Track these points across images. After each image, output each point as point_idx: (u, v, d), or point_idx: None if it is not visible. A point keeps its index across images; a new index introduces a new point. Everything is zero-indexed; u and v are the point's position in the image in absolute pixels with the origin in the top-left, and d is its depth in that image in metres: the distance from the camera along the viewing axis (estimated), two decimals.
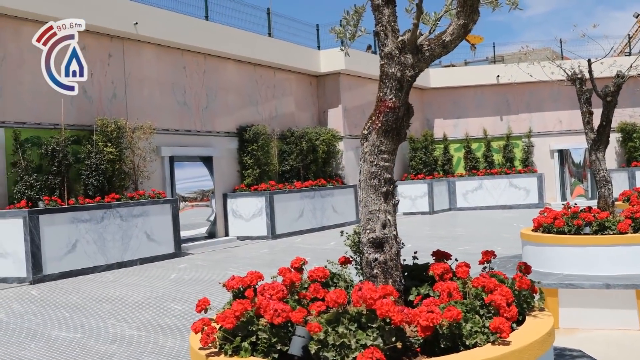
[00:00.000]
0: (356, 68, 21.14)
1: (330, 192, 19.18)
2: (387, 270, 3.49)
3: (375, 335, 2.75)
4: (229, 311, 2.89)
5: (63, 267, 11.54)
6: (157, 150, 15.03)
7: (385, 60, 3.50)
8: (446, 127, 25.93)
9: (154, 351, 6.41)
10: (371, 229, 3.48)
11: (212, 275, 11.23)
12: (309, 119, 21.01)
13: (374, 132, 3.48)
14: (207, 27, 16.86)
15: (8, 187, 12.12)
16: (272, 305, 2.86)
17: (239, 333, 2.93)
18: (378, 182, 3.48)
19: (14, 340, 7.17)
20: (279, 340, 2.88)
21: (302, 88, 20.91)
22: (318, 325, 2.72)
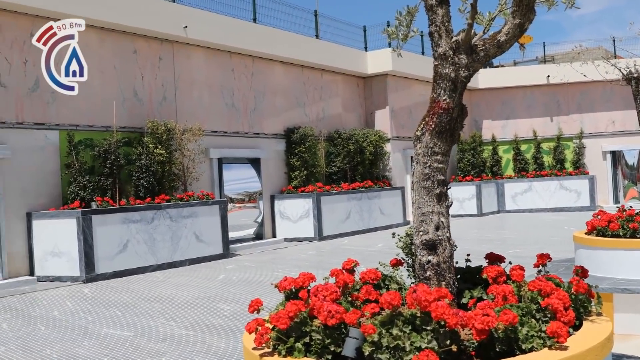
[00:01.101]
0: (403, 69, 21.03)
1: (377, 193, 19.12)
2: (440, 272, 3.45)
3: (430, 338, 2.73)
4: (283, 312, 2.90)
5: (114, 266, 11.76)
6: (205, 152, 15.22)
7: (439, 61, 3.47)
8: (495, 128, 25.60)
9: (204, 351, 6.47)
10: (424, 230, 3.45)
11: (260, 276, 11.30)
12: (356, 120, 20.99)
13: (427, 134, 3.45)
14: (255, 30, 16.99)
15: (62, 187, 12.41)
16: (326, 306, 2.86)
17: (292, 334, 2.93)
18: (431, 183, 3.45)
19: (67, 337, 7.33)
20: (332, 342, 2.88)
21: (349, 89, 20.90)
22: (372, 327, 2.71)
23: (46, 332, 7.64)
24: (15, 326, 8.07)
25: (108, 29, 13.55)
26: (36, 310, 9.13)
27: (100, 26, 13.38)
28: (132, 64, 14.07)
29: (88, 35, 13.19)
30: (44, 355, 6.56)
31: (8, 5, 11.74)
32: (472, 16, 3.44)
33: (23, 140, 11.97)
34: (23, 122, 12.03)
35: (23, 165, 11.90)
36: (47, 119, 12.40)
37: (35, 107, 12.23)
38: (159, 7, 14.38)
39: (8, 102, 11.82)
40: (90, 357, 6.40)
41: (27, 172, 11.96)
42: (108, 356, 6.42)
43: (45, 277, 11.67)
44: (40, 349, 6.83)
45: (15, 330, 7.85)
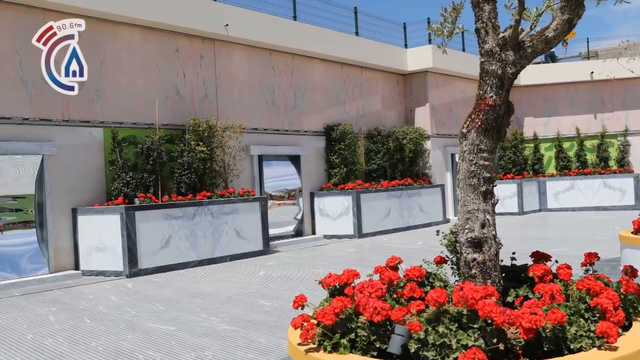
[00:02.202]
0: (444, 66, 20.88)
1: (417, 191, 19.03)
2: (486, 270, 3.43)
3: (477, 336, 2.72)
4: (329, 308, 2.92)
5: (157, 262, 11.92)
6: (246, 149, 15.33)
7: (485, 58, 3.45)
8: (536, 125, 25.24)
9: (246, 346, 6.52)
10: (470, 228, 3.44)
11: (300, 273, 11.34)
12: (396, 117, 20.91)
13: (473, 131, 3.43)
14: (295, 27, 17.04)
15: (106, 184, 12.64)
16: (372, 303, 2.87)
17: (338, 330, 2.95)
18: (477, 181, 3.43)
19: (113, 331, 7.46)
20: (378, 338, 2.89)
21: (389, 87, 20.82)
22: (419, 324, 2.71)
23: (92, 325, 7.79)
24: (61, 319, 8.25)
25: (151, 27, 13.74)
26: (82, 303, 9.31)
27: (144, 25, 13.57)
28: (175, 62, 14.24)
29: (132, 34, 13.42)
30: (89, 348, 6.69)
31: (55, 5, 11.98)
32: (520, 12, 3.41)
33: (69, 137, 12.22)
34: (69, 119, 12.28)
35: (69, 162, 12.15)
36: (91, 117, 12.63)
37: (80, 105, 12.46)
38: (201, 6, 14.52)
39: (54, 100, 12.06)
40: (135, 350, 6.51)
41: (73, 168, 12.21)
42: (152, 350, 6.51)
43: (89, 272, 11.91)
44: (86, 341, 6.96)
45: (62, 322, 8.02)
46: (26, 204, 11.67)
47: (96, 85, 12.72)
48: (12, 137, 11.42)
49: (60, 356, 6.40)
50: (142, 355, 6.30)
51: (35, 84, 11.82)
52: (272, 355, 6.14)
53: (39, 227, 11.72)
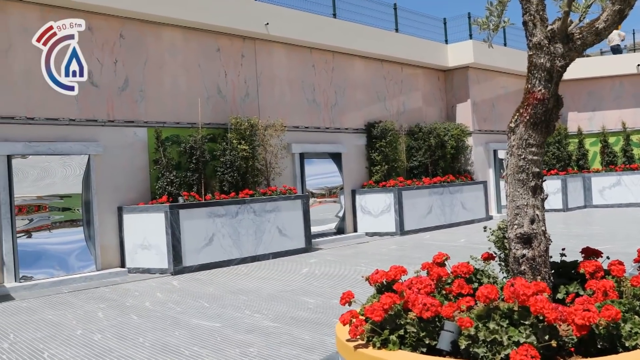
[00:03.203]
0: (485, 61, 20.64)
1: (459, 188, 18.86)
2: (536, 267, 3.39)
3: (529, 333, 2.68)
4: (377, 304, 2.91)
5: (201, 259, 12.05)
6: (288, 147, 15.39)
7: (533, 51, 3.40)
8: (581, 120, 24.77)
9: (290, 342, 6.55)
10: (519, 224, 3.39)
11: (342, 270, 11.34)
12: (437, 114, 20.76)
13: (521, 125, 3.39)
14: (335, 25, 17.04)
15: (151, 183, 12.82)
16: (421, 299, 2.85)
17: (387, 326, 2.94)
18: (526, 176, 3.39)
19: (159, 327, 7.56)
20: (427, 335, 2.87)
21: (430, 83, 20.68)
22: (470, 320, 2.68)
23: (139, 322, 7.91)
24: (109, 315, 8.40)
25: (193, 28, 13.88)
26: (128, 300, 9.47)
27: (186, 26, 13.73)
28: (216, 61, 14.36)
29: (174, 34, 13.58)
30: (137, 344, 6.80)
31: (99, 8, 12.20)
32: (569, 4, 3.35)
33: (114, 137, 12.43)
34: (114, 119, 12.48)
35: (114, 162, 12.36)
36: (136, 117, 12.83)
37: (124, 106, 12.67)
38: (242, 5, 14.62)
39: (100, 100, 12.29)
40: (181, 346, 6.59)
41: (118, 168, 12.42)
42: (198, 346, 6.58)
43: (135, 269, 12.09)
44: (133, 337, 7.08)
45: (110, 319, 8.16)
46: (73, 202, 11.91)
47: (140, 86, 12.91)
48: (59, 137, 11.67)
49: (109, 351, 6.52)
50: (188, 351, 6.37)
51: (81, 85, 12.01)
52: (316, 352, 6.15)
53: (86, 226, 11.95)
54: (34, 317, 8.50)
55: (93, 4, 12.03)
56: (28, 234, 11.20)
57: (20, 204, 11.12)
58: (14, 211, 10.96)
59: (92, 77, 12.20)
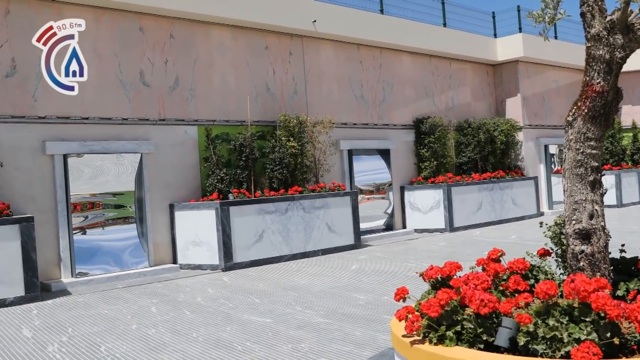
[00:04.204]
0: (535, 55, 20.28)
1: (509, 184, 18.59)
2: (595, 263, 3.32)
3: (590, 330, 2.63)
4: (434, 300, 2.90)
5: (251, 256, 12.16)
6: (336, 144, 15.41)
7: (592, 42, 3.33)
8: (635, 113, 24.14)
9: (341, 338, 6.56)
10: (577, 219, 3.33)
11: (392, 267, 11.31)
12: (486, 109, 20.50)
13: (579, 119, 3.32)
14: (382, 21, 16.97)
15: (201, 180, 12.99)
16: (478, 295, 2.83)
17: (443, 322, 2.92)
18: (584, 170, 3.33)
19: (211, 322, 7.66)
20: (484, 331, 2.85)
21: (479, 78, 20.42)
22: (529, 317, 2.65)
23: (191, 317, 8.03)
24: (162, 310, 8.54)
25: (241, 26, 14.00)
26: (180, 296, 9.62)
27: (234, 24, 13.85)
28: (264, 59, 14.46)
29: (222, 33, 13.72)
30: (190, 338, 6.90)
31: (150, 9, 12.40)
32: None
33: (165, 135, 12.63)
34: (165, 118, 12.68)
35: (165, 160, 12.56)
36: (186, 115, 13.01)
37: (175, 104, 12.86)
38: (289, 3, 14.68)
39: (151, 100, 12.51)
40: (234, 341, 6.66)
41: (169, 165, 12.61)
42: (250, 341, 6.65)
43: (187, 265, 12.28)
44: (186, 332, 7.19)
45: (163, 314, 8.31)
46: (126, 200, 12.15)
47: (190, 85, 13.09)
48: (112, 136, 11.91)
49: (164, 346, 6.63)
50: (241, 346, 6.44)
51: (133, 85, 12.28)
52: (368, 348, 6.15)
53: (138, 223, 12.18)
54: (90, 311, 8.71)
55: (143, 5, 12.24)
56: (83, 231, 11.47)
57: (76, 202, 11.39)
58: (70, 209, 11.24)
59: (144, 77, 12.42)
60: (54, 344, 6.95)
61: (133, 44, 12.37)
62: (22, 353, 6.63)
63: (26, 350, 6.72)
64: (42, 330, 7.67)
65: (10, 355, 6.59)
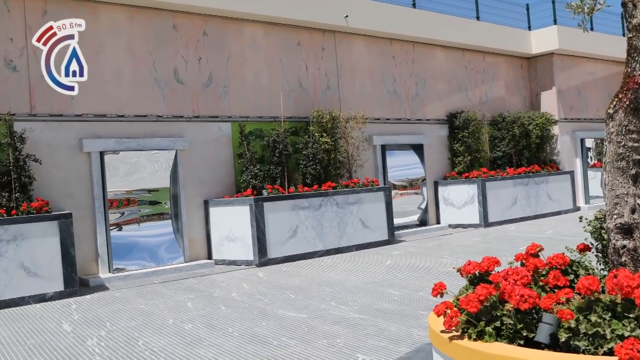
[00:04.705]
0: (571, 47, 19.96)
1: (544, 178, 18.35)
2: (637, 258, 3.26)
3: (634, 326, 2.59)
4: (473, 295, 2.87)
5: (285, 251, 12.20)
6: (369, 139, 15.37)
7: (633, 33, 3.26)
8: None
9: (376, 334, 6.56)
10: (619, 214, 3.28)
11: (426, 262, 11.26)
12: (521, 102, 20.25)
13: (620, 111, 3.26)
14: (415, 15, 16.87)
15: (235, 176, 13.07)
16: (518, 290, 2.80)
17: (482, 317, 2.90)
18: (626, 164, 3.26)
19: (247, 317, 7.71)
20: (524, 327, 2.82)
21: (513, 71, 20.18)
22: (570, 313, 2.61)
23: (227, 312, 8.09)
24: (198, 305, 8.62)
25: (273, 23, 14.04)
26: (216, 291, 9.69)
27: (266, 21, 13.89)
28: (297, 55, 14.48)
29: (255, 30, 13.78)
30: (226, 333, 6.96)
31: (183, 7, 12.49)
32: None
33: (199, 132, 12.73)
34: (199, 115, 12.78)
35: (200, 156, 12.66)
36: (220, 112, 13.09)
37: (209, 101, 12.95)
38: None
39: (185, 97, 12.61)
40: (269, 336, 6.70)
41: (204, 162, 12.71)
42: (285, 336, 6.68)
43: (221, 261, 12.37)
44: (222, 327, 7.25)
45: (199, 309, 8.39)
46: (161, 196, 12.28)
47: (223, 82, 13.16)
48: (148, 134, 12.04)
49: (200, 340, 6.70)
50: (276, 342, 6.47)
51: (168, 82, 12.39)
52: (404, 343, 6.13)
53: (174, 219, 12.31)
54: (127, 306, 8.83)
55: (177, 3, 12.34)
56: (119, 227, 11.63)
57: (112, 198, 11.55)
58: (107, 205, 11.40)
59: (178, 75, 12.53)
60: (93, 337, 7.07)
61: (167, 41, 12.49)
62: (62, 347, 6.76)
63: (66, 344, 6.85)
64: (82, 324, 7.81)
65: (52, 348, 6.72)
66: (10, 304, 9.18)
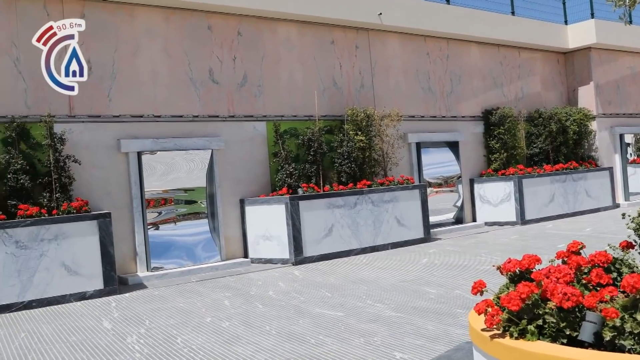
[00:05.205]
0: (609, 41, 19.62)
1: (582, 175, 18.07)
2: None
3: None
4: (514, 293, 2.85)
5: (321, 250, 12.22)
6: (404, 137, 15.32)
7: None
8: None
9: (413, 332, 6.54)
10: None
11: (462, 260, 11.18)
12: (557, 98, 19.97)
13: None
14: (449, 11, 16.75)
15: (270, 175, 13.13)
16: (561, 288, 2.77)
17: (524, 316, 2.87)
18: None
19: (283, 315, 7.75)
20: (567, 325, 2.78)
21: (549, 66, 19.91)
22: (615, 311, 2.58)
23: (263, 310, 8.14)
24: (235, 304, 8.69)
25: (307, 22, 14.06)
26: (252, 289, 9.75)
27: (300, 20, 13.92)
28: (330, 53, 14.49)
29: (288, 29, 13.82)
30: (263, 331, 7.00)
31: (217, 7, 12.59)
32: None
33: (234, 132, 12.82)
34: (234, 115, 12.87)
35: (235, 155, 12.75)
36: (255, 111, 13.16)
37: (244, 101, 13.03)
38: None
39: (220, 97, 12.71)
40: (306, 334, 6.72)
41: (239, 161, 12.80)
42: (322, 334, 6.69)
43: (257, 259, 12.44)
44: (259, 325, 7.29)
45: (236, 307, 8.45)
46: (197, 195, 12.40)
47: (258, 81, 13.23)
48: (184, 134, 12.17)
49: (238, 338, 6.75)
50: (314, 339, 6.49)
51: (203, 82, 12.50)
52: (441, 342, 6.10)
53: (210, 218, 12.41)
54: (166, 304, 8.94)
55: (212, 4, 12.43)
56: (156, 226, 11.77)
57: (150, 198, 11.70)
58: (145, 204, 11.55)
59: (213, 75, 12.64)
60: (133, 335, 7.17)
61: (202, 42, 12.60)
62: (103, 344, 6.87)
63: (107, 341, 6.96)
64: (121, 322, 7.92)
65: (93, 345, 6.83)
66: (52, 301, 9.36)
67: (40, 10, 10.84)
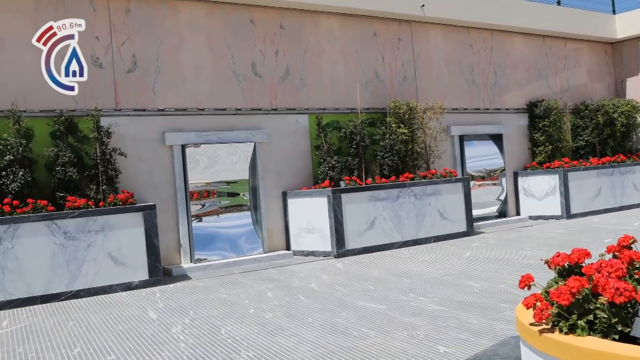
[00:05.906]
0: None
1: (630, 168, 17.65)
2: None
3: None
4: (564, 287, 2.80)
5: (363, 242, 12.21)
6: (447, 130, 15.18)
7: None
8: None
9: (457, 326, 6.49)
10: None
11: (506, 254, 11.05)
12: (604, 90, 19.55)
13: None
14: (493, 2, 16.50)
15: (313, 168, 13.16)
16: (613, 283, 2.71)
17: (574, 310, 2.83)
18: None
19: (326, 308, 7.77)
20: (619, 321, 2.73)
21: (596, 57, 19.50)
22: None
23: (306, 302, 8.17)
24: (278, 295, 8.75)
25: (349, 14, 14.02)
26: (295, 281, 9.80)
27: (342, 12, 13.88)
28: (373, 46, 14.42)
29: (330, 22, 13.81)
30: (306, 323, 7.03)
31: (259, 1, 12.63)
32: None
33: (277, 124, 12.87)
34: (277, 108, 12.92)
35: (278, 148, 12.81)
36: (297, 104, 13.20)
37: (286, 94, 13.07)
38: None
39: (263, 90, 12.77)
40: (349, 327, 6.73)
41: (282, 154, 12.85)
42: (365, 327, 6.70)
43: (299, 252, 12.49)
44: (302, 317, 7.33)
45: (279, 299, 8.51)
46: (240, 188, 12.50)
47: (300, 74, 13.26)
48: (227, 127, 12.27)
49: (281, 330, 6.80)
50: (357, 332, 6.50)
51: (246, 76, 12.58)
52: (485, 336, 6.05)
53: (253, 210, 12.51)
54: (209, 295, 9.05)
55: None
56: (200, 219, 11.90)
57: (193, 190, 11.83)
58: (189, 197, 11.68)
59: (256, 68, 12.71)
60: (177, 325, 7.28)
61: (244, 36, 12.67)
62: (149, 333, 6.99)
63: (152, 331, 7.08)
64: (166, 312, 8.05)
65: (139, 334, 6.96)
66: (99, 291, 9.56)
67: (87, 5, 11.02)
